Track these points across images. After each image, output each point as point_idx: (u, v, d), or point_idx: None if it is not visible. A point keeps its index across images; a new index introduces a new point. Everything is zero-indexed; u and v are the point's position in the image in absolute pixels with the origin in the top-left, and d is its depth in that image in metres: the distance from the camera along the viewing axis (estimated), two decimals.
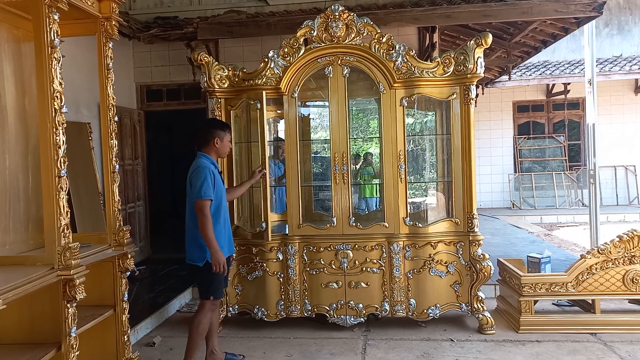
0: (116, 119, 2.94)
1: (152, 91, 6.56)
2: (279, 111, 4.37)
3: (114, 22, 2.87)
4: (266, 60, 3.95)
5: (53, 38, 2.27)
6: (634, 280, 3.74)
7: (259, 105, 3.89)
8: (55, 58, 2.29)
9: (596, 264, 3.80)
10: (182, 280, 5.38)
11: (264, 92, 3.86)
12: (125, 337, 2.92)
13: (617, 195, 11.89)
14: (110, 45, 2.89)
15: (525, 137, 12.38)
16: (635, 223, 9.97)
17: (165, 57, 6.40)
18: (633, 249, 3.76)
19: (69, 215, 2.34)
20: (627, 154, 11.81)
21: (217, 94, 4.02)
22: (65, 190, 2.32)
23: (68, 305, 2.29)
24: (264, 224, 3.88)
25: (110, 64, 2.89)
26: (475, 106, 3.93)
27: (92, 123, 5.29)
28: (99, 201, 5.21)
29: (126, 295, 2.94)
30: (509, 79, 10.20)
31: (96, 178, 5.22)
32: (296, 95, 3.96)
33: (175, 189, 10.31)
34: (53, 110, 2.27)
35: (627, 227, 3.97)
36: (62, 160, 2.30)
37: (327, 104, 4.06)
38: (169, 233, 8.63)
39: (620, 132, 11.78)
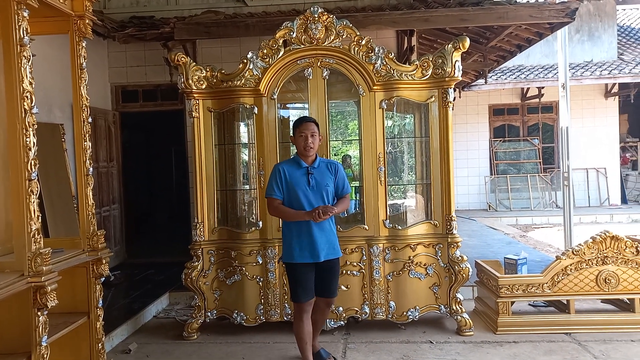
0: (90, 120, 2.86)
1: (128, 92, 6.43)
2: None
3: (87, 21, 2.81)
4: (245, 61, 3.91)
5: (22, 36, 2.20)
6: (607, 281, 3.83)
7: (256, 110, 3.93)
8: (24, 57, 2.21)
9: (571, 264, 3.87)
10: (159, 286, 5.27)
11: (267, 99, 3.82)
12: (100, 344, 2.84)
13: (589, 196, 12.20)
14: (84, 45, 2.82)
15: (500, 140, 12.61)
16: (607, 224, 10.25)
17: (141, 58, 6.28)
18: (605, 249, 3.85)
19: (40, 220, 2.25)
20: (598, 156, 12.15)
21: (194, 95, 3.95)
22: (36, 194, 2.24)
23: (39, 313, 2.21)
24: (260, 223, 3.95)
25: (84, 63, 2.82)
26: (452, 109, 3.97)
27: (65, 124, 5.14)
28: (72, 204, 5.07)
29: (101, 302, 2.86)
30: (485, 82, 10.37)
31: (69, 181, 5.08)
32: (275, 97, 3.93)
33: (152, 191, 10.13)
34: (23, 110, 2.19)
35: (599, 228, 4.07)
36: (32, 163, 2.22)
37: (306, 105, 4.04)
38: (148, 236, 8.50)
39: (592, 135, 12.11)
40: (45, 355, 2.23)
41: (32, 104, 2.23)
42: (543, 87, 11.74)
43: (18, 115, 2.18)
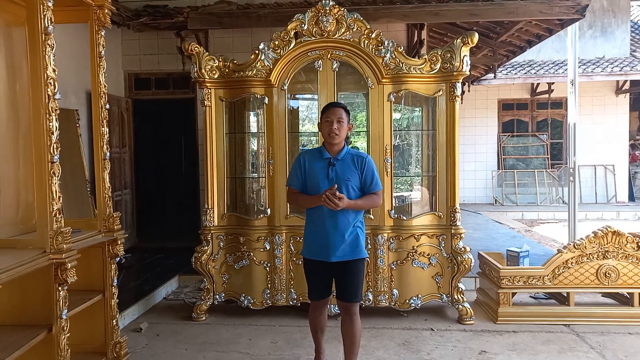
0: (107, 106, 2.97)
1: (141, 80, 6.55)
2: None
3: (106, 11, 2.90)
4: (257, 52, 3.99)
5: (47, 25, 2.30)
6: (607, 275, 3.90)
7: (266, 100, 4.01)
8: (49, 45, 2.31)
9: (572, 258, 3.95)
10: (169, 269, 5.42)
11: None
12: (114, 321, 2.98)
13: (596, 193, 12.19)
14: (103, 34, 2.92)
15: (509, 135, 12.60)
16: (613, 221, 10.25)
17: (154, 46, 6.38)
18: (607, 244, 3.91)
19: (61, 200, 2.37)
20: (606, 153, 12.11)
21: (207, 84, 4.05)
22: (57, 176, 2.36)
23: (59, 288, 2.34)
24: (269, 210, 4.05)
25: (103, 52, 2.92)
26: (461, 103, 4.05)
27: (80, 110, 5.27)
28: (85, 188, 5.21)
29: (115, 281, 2.99)
30: (495, 77, 10.35)
31: (83, 165, 5.21)
32: (286, 87, 4.02)
33: (162, 179, 10.26)
34: (46, 96, 2.30)
35: (604, 225, 4.12)
36: (55, 146, 2.34)
37: (315, 96, 4.13)
38: (157, 222, 8.65)
39: (601, 132, 12.06)
40: (65, 328, 2.37)
41: (55, 90, 2.35)
42: (553, 83, 11.70)
43: (42, 100, 2.29)
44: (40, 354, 2.31)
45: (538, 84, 12.11)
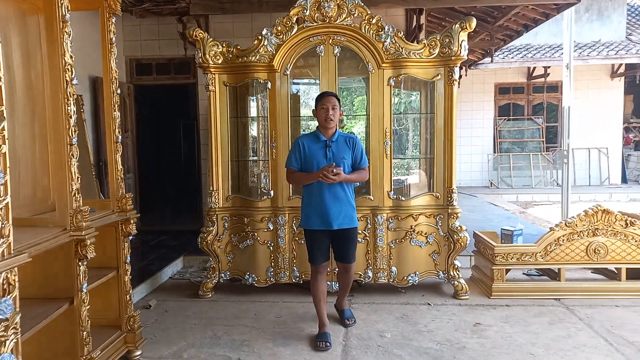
0: (119, 91, 3.08)
1: (142, 65, 6.62)
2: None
3: None
4: (260, 38, 4.09)
5: (64, 13, 2.40)
6: (596, 251, 4.08)
7: (269, 85, 4.12)
8: (66, 32, 2.42)
9: (563, 235, 4.12)
10: (173, 250, 5.57)
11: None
12: (128, 296, 3.12)
13: (589, 176, 12.40)
14: (114, 21, 3.01)
15: (505, 119, 12.73)
16: (605, 202, 10.44)
17: (155, 31, 6.44)
18: (597, 222, 4.09)
19: (79, 181, 2.50)
20: (601, 136, 12.28)
21: (211, 69, 4.14)
22: (76, 157, 2.48)
23: (80, 263, 2.48)
24: (272, 192, 4.20)
25: (114, 38, 3.02)
26: (459, 87, 4.15)
27: (84, 96, 5.36)
28: (91, 172, 5.33)
29: (129, 258, 3.13)
30: (492, 61, 10.45)
31: (88, 150, 5.32)
32: (288, 72, 4.12)
33: (161, 163, 10.37)
34: (65, 82, 2.41)
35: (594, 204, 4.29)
36: (73, 129, 2.46)
37: (317, 81, 4.24)
38: (158, 206, 8.78)
39: (596, 115, 12.21)
40: (85, 301, 2.52)
41: (73, 76, 2.45)
42: (549, 67, 11.79)
43: (61, 86, 2.40)
44: (63, 325, 2.46)
45: (534, 67, 12.21)
